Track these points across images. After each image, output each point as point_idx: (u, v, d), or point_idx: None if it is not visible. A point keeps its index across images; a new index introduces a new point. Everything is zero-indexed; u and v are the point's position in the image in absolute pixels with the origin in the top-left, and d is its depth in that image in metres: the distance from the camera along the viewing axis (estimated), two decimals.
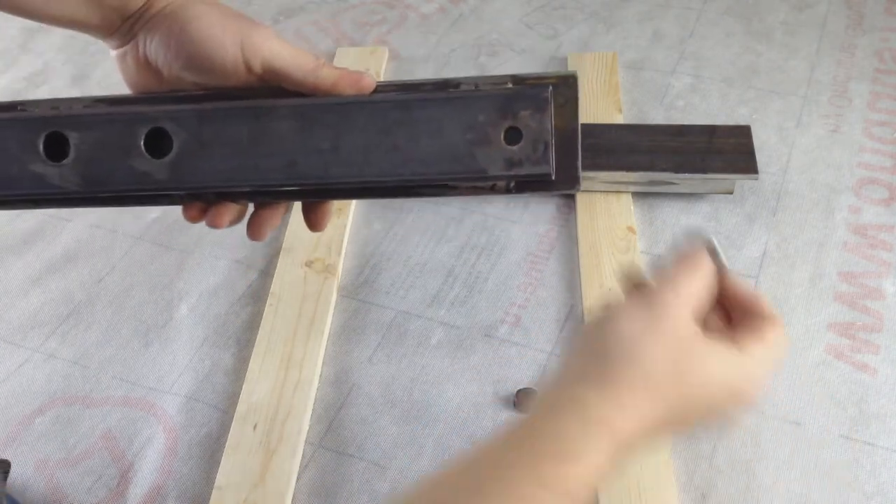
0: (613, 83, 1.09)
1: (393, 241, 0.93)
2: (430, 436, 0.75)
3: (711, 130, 0.96)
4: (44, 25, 0.49)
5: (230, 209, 0.50)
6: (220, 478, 0.71)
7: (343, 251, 0.91)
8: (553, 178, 0.46)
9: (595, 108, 1.05)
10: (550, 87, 0.46)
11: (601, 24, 1.23)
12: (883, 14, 1.22)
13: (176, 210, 0.96)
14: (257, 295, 0.88)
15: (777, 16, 1.23)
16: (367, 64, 1.15)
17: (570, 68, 1.12)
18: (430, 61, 1.19)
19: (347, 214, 0.95)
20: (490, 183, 0.47)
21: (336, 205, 0.95)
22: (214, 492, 0.70)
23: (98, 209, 0.98)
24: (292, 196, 0.49)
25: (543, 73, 0.47)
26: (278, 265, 0.89)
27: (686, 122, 1.04)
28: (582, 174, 0.47)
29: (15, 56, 1.24)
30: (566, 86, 0.46)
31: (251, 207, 0.52)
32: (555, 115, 0.46)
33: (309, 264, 0.89)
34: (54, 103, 0.48)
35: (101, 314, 0.87)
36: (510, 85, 0.46)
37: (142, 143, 0.47)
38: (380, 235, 0.94)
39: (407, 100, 0.46)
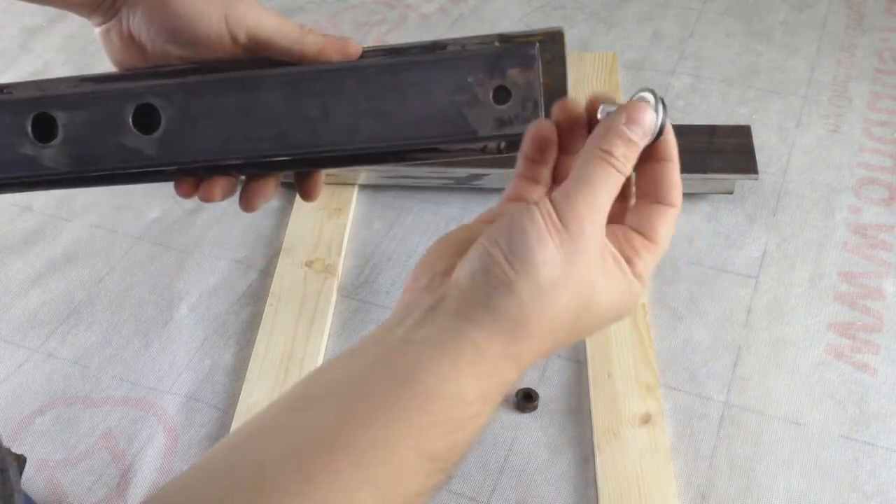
0: (613, 83, 1.09)
1: (393, 241, 0.93)
2: None
3: (711, 130, 0.96)
4: (44, 25, 0.49)
5: (222, 182, 0.49)
6: None
7: (343, 251, 0.91)
8: None
9: None
10: (537, 44, 0.46)
11: (601, 24, 1.23)
12: (883, 14, 1.22)
13: (176, 210, 0.95)
14: (257, 295, 0.88)
15: (777, 16, 1.23)
16: None
17: (570, 68, 1.12)
18: None
19: (347, 214, 0.95)
20: (481, 144, 0.46)
21: (335, 205, 0.96)
22: None
23: (98, 208, 0.98)
24: (284, 166, 0.49)
25: (530, 30, 0.46)
26: (278, 265, 0.89)
27: (686, 122, 1.04)
28: None
29: (15, 56, 1.24)
30: (553, 42, 0.46)
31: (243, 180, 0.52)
32: (543, 72, 0.46)
33: (309, 264, 0.89)
34: (41, 85, 0.48)
35: (101, 314, 0.87)
36: (497, 44, 0.46)
37: (130, 119, 0.46)
38: (380, 235, 0.94)
39: (394, 63, 0.46)
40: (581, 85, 1.09)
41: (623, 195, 0.41)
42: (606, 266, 0.38)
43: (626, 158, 0.38)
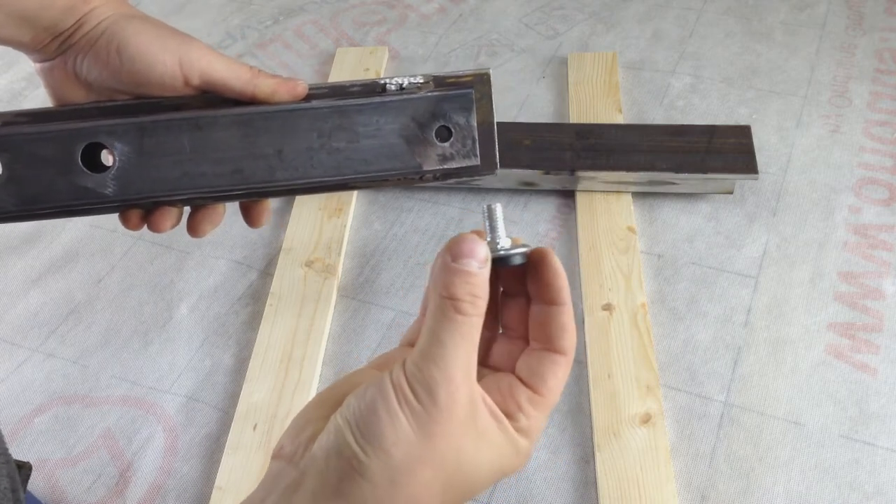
0: (613, 83, 1.09)
1: (393, 241, 0.93)
2: None
3: (711, 130, 0.96)
4: None
5: (171, 213, 0.50)
6: (220, 478, 0.71)
7: (343, 251, 0.91)
8: (479, 166, 0.50)
9: (595, 108, 1.05)
10: (473, 88, 0.49)
11: (601, 24, 1.23)
12: (883, 14, 1.22)
13: None
14: (257, 295, 0.88)
15: (777, 16, 1.23)
16: (367, 64, 1.15)
17: (570, 68, 1.12)
18: (429, 61, 1.19)
19: (347, 214, 0.95)
20: (421, 174, 0.50)
21: (335, 205, 0.96)
22: (215, 492, 0.70)
23: None
24: (237, 198, 0.51)
25: (460, 72, 0.50)
26: (278, 265, 0.89)
27: (686, 122, 1.04)
28: (499, 160, 0.51)
29: (15, 56, 1.24)
30: (482, 83, 0.49)
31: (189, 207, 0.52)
32: (476, 111, 0.50)
33: (309, 264, 0.89)
34: None
35: (101, 314, 0.87)
36: (432, 85, 0.49)
37: (79, 158, 0.47)
38: (380, 235, 0.94)
39: (345, 106, 0.49)
40: (581, 85, 1.09)
41: (514, 336, 0.39)
42: (479, 425, 0.35)
43: (473, 297, 0.34)
